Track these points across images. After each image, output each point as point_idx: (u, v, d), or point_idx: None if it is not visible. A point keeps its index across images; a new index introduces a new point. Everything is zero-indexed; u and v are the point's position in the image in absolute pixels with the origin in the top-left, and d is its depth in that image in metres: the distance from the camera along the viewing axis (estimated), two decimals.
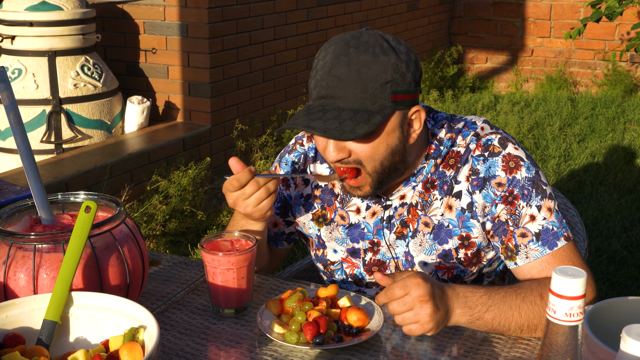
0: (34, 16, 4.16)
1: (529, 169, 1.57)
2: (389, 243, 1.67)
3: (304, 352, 1.40)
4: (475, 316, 1.41)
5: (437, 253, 1.63)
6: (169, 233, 4.00)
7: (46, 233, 1.40)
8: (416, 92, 1.52)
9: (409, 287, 1.35)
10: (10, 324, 1.27)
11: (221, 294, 1.52)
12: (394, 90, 1.46)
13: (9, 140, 4.20)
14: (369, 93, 1.45)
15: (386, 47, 1.47)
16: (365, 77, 1.44)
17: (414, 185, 1.64)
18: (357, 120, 1.44)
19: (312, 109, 1.49)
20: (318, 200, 1.75)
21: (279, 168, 1.80)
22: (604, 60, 7.28)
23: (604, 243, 3.95)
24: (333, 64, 1.46)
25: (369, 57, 1.45)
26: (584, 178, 4.90)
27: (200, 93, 4.65)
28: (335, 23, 5.81)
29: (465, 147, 1.61)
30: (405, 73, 1.47)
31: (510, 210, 1.55)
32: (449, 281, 1.66)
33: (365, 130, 1.44)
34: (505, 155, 1.58)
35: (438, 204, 1.62)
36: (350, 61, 1.45)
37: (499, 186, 1.56)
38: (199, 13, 4.50)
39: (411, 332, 1.37)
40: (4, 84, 1.50)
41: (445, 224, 1.62)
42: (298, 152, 1.78)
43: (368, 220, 1.69)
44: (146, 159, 4.24)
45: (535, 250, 1.53)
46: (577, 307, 0.87)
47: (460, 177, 1.60)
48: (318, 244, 1.77)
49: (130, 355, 1.18)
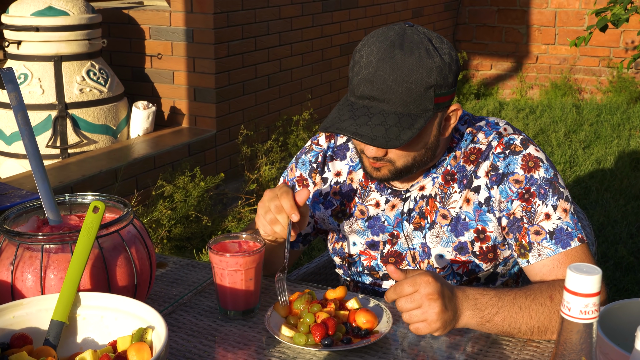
0: (40, 21, 4.17)
1: (548, 170, 1.59)
2: (406, 234, 1.68)
3: (312, 354, 1.39)
4: (486, 318, 1.40)
5: (453, 245, 1.64)
6: (174, 238, 4.00)
7: (54, 233, 1.40)
8: (455, 90, 1.55)
9: (419, 285, 1.35)
10: (18, 324, 1.26)
11: (229, 296, 1.52)
12: (437, 93, 1.49)
13: (14, 145, 4.20)
14: (413, 97, 1.47)
15: (431, 50, 1.48)
16: (411, 81, 1.46)
17: (434, 177, 1.65)
18: (401, 125, 1.47)
19: (356, 109, 1.50)
20: (337, 196, 1.76)
21: (295, 169, 1.81)
22: (608, 67, 7.27)
23: (610, 249, 3.93)
24: (379, 66, 1.47)
25: (415, 61, 1.46)
26: (589, 184, 4.89)
27: (205, 98, 4.65)
28: (340, 29, 5.82)
29: (487, 145, 1.63)
30: (447, 75, 1.50)
31: (525, 207, 1.56)
32: (463, 276, 1.67)
33: (410, 136, 1.46)
34: (525, 155, 1.59)
35: (457, 197, 1.63)
36: (396, 64, 1.46)
37: (516, 183, 1.57)
38: (204, 18, 4.51)
39: (418, 330, 1.37)
40: (12, 84, 1.50)
41: (462, 216, 1.63)
42: (315, 152, 1.80)
43: (388, 214, 1.70)
44: (151, 164, 4.24)
45: (548, 249, 1.53)
46: (592, 304, 0.86)
47: (480, 172, 1.62)
48: (338, 237, 1.78)
49: (138, 355, 1.18)
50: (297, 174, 1.80)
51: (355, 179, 1.74)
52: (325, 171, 1.78)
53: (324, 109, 5.79)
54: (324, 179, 1.78)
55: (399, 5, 6.60)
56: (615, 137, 5.94)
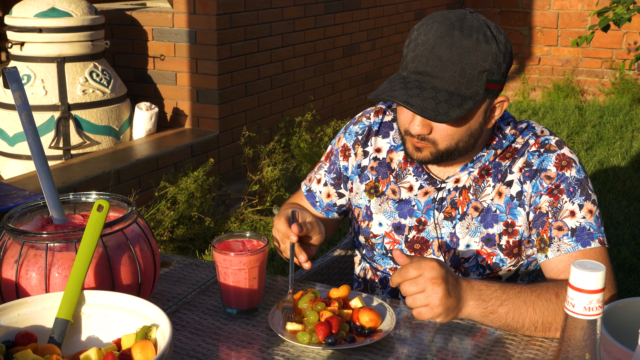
0: (43, 22, 4.18)
1: (579, 171, 1.62)
2: (436, 222, 1.69)
3: (316, 353, 1.39)
4: (489, 309, 1.40)
5: (481, 236, 1.66)
6: (177, 239, 4.00)
7: (58, 232, 1.40)
8: (505, 81, 1.57)
9: (423, 269, 1.36)
10: (23, 322, 1.27)
11: (232, 295, 1.52)
12: (489, 79, 1.52)
13: (17, 146, 4.21)
14: (466, 78, 1.49)
15: (489, 36, 1.51)
16: (466, 62, 1.48)
17: (470, 171, 1.68)
18: (451, 103, 1.49)
19: (408, 82, 1.52)
20: (374, 172, 1.79)
21: (342, 138, 1.86)
22: (611, 69, 7.27)
23: (613, 250, 3.93)
24: (436, 43, 1.49)
25: (472, 43, 1.49)
26: (592, 186, 4.88)
27: (208, 100, 4.66)
28: (342, 31, 5.82)
29: (524, 143, 1.66)
30: (501, 63, 1.52)
31: (552, 202, 1.58)
32: (486, 269, 1.68)
33: (458, 115, 1.49)
34: (559, 155, 1.62)
35: (490, 190, 1.66)
36: (454, 44, 1.48)
37: (548, 179, 1.60)
38: (207, 20, 4.51)
39: (420, 315, 1.37)
40: (17, 84, 1.50)
41: (493, 208, 1.65)
42: (363, 125, 1.83)
43: (419, 199, 1.72)
44: (154, 165, 4.24)
45: (568, 245, 1.55)
46: (596, 300, 0.86)
47: (514, 168, 1.65)
48: (365, 215, 1.80)
49: (142, 353, 1.18)
50: (342, 144, 1.85)
51: (395, 159, 1.77)
52: (368, 145, 1.81)
53: (326, 111, 5.80)
54: (365, 152, 1.81)
55: (401, 6, 6.60)
56: (618, 138, 5.94)
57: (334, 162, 1.86)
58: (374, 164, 1.79)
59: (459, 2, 7.69)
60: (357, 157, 1.82)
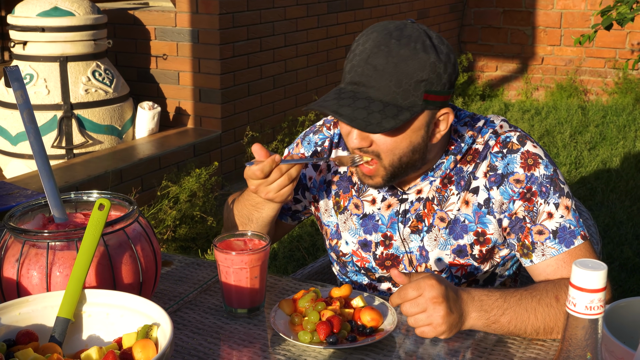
0: (45, 22, 4.18)
1: (547, 166, 1.57)
2: (403, 237, 1.66)
3: (318, 352, 1.39)
4: (492, 319, 1.40)
5: (452, 248, 1.62)
6: (179, 239, 4.00)
7: (60, 231, 1.40)
8: (449, 94, 1.51)
9: (423, 288, 1.34)
10: (24, 321, 1.27)
11: (234, 294, 1.52)
12: (428, 89, 1.46)
13: (20, 145, 4.21)
14: (402, 88, 1.45)
15: (428, 45, 1.46)
16: (402, 71, 1.44)
17: (431, 180, 1.63)
18: (385, 113, 1.44)
19: (343, 93, 1.49)
20: (335, 186, 1.75)
21: (300, 145, 1.79)
22: (614, 69, 7.26)
23: (616, 250, 3.92)
24: (372, 53, 1.45)
25: (409, 52, 1.44)
26: (595, 185, 4.88)
27: (210, 99, 4.66)
28: (345, 30, 5.82)
29: (484, 144, 1.60)
30: (441, 74, 1.47)
31: (527, 207, 1.55)
32: (462, 278, 1.65)
33: (392, 125, 1.44)
34: (524, 153, 1.57)
35: (455, 199, 1.61)
36: (390, 53, 1.44)
37: (517, 183, 1.56)
38: (210, 19, 4.51)
39: (424, 334, 1.37)
40: (18, 82, 1.50)
41: (461, 219, 1.61)
42: (323, 135, 1.77)
43: (383, 213, 1.68)
44: (157, 164, 4.24)
45: (552, 248, 1.52)
46: (598, 299, 0.86)
47: (478, 174, 1.60)
48: (334, 233, 1.77)
49: (143, 352, 1.18)
50: (300, 151, 1.79)
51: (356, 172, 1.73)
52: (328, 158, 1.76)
53: None
54: (327, 166, 1.77)
55: (404, 6, 6.60)
56: (621, 138, 5.93)
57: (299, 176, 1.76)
58: (335, 178, 1.75)
59: (461, 2, 7.69)
60: (322, 173, 1.77)
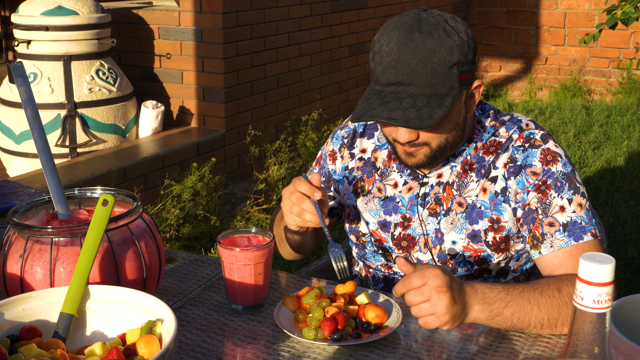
0: (49, 21, 4.18)
1: (566, 165, 1.61)
2: (421, 219, 1.70)
3: (322, 349, 1.38)
4: (495, 312, 1.39)
5: (467, 233, 1.66)
6: (183, 237, 4.00)
7: (63, 226, 1.40)
8: (475, 65, 1.58)
9: (427, 277, 1.34)
10: (27, 317, 1.26)
11: (238, 290, 1.51)
12: (460, 70, 1.53)
13: (24, 144, 4.21)
14: (438, 77, 1.51)
15: (448, 29, 1.52)
16: (434, 61, 1.50)
17: (452, 165, 1.69)
18: (431, 105, 1.50)
19: (385, 96, 1.53)
20: (359, 171, 1.81)
21: (330, 143, 1.88)
22: (618, 69, 7.24)
23: (620, 250, 3.91)
24: (401, 51, 1.51)
25: (435, 42, 1.50)
26: (599, 185, 4.87)
27: (214, 98, 4.66)
28: (349, 30, 5.81)
29: (508, 137, 1.66)
30: (467, 52, 1.54)
31: (541, 199, 1.58)
32: (474, 264, 1.68)
33: (441, 115, 1.50)
34: (544, 149, 1.62)
35: (474, 185, 1.66)
36: (418, 47, 1.50)
37: (534, 175, 1.60)
38: (213, 18, 4.51)
39: (427, 324, 1.36)
40: (22, 78, 1.50)
41: (477, 205, 1.65)
42: (349, 129, 1.86)
43: (404, 195, 1.73)
44: (160, 163, 4.24)
45: (561, 240, 1.54)
46: (605, 293, 0.85)
47: (498, 164, 1.65)
48: (354, 215, 1.82)
49: (147, 348, 1.17)
50: (330, 148, 1.88)
51: (380, 158, 1.79)
52: (354, 147, 1.83)
53: (332, 110, 5.79)
54: (351, 154, 1.84)
55: (408, 5, 6.59)
56: (625, 138, 5.92)
57: (323, 166, 1.88)
58: (359, 164, 1.82)
59: (465, 2, 7.68)
60: (343, 160, 1.84)
